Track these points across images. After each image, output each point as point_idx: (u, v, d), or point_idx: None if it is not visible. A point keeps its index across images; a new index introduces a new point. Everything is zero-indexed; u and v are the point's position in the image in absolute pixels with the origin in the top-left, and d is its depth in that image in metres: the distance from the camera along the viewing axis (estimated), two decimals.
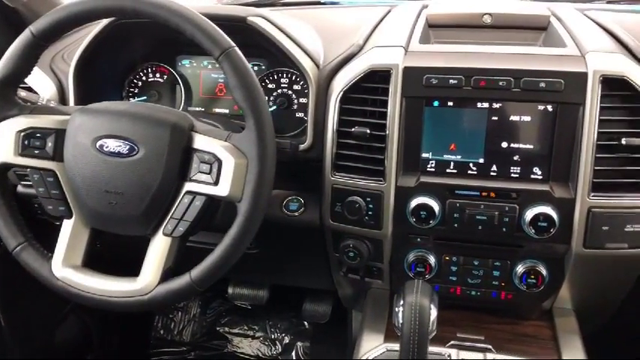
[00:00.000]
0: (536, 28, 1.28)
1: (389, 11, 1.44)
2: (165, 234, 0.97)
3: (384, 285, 1.27)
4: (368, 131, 1.10)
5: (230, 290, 1.85)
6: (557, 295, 1.17)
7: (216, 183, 0.93)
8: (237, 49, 0.94)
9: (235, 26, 1.18)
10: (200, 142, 0.96)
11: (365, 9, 1.54)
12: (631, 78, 1.02)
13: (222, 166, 0.93)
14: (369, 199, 1.11)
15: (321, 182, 1.17)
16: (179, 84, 1.38)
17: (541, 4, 1.39)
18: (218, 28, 0.94)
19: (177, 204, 0.96)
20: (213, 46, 0.92)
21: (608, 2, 1.56)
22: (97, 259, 1.07)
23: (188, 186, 0.96)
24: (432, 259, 1.15)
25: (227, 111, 1.36)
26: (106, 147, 0.97)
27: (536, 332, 1.17)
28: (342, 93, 1.12)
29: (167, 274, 0.99)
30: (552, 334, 1.16)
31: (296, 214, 1.23)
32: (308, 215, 1.23)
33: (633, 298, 1.19)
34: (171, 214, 0.97)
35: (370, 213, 1.12)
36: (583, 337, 1.19)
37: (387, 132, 1.09)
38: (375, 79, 1.10)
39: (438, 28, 1.32)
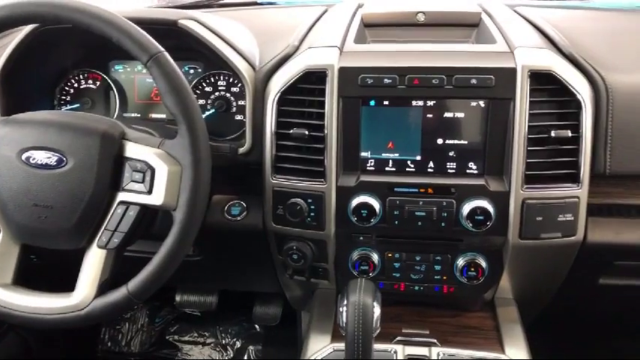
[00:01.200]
0: (468, 25, 1.31)
1: (325, 11, 1.44)
2: (99, 246, 0.94)
3: (330, 285, 1.27)
4: (306, 132, 1.10)
5: (178, 298, 1.82)
6: (497, 285, 1.20)
7: (149, 192, 0.91)
8: (166, 53, 0.91)
9: (167, 30, 1.16)
10: (132, 150, 0.93)
11: (302, 9, 1.54)
12: (557, 72, 1.05)
13: (155, 174, 0.91)
14: (310, 201, 1.11)
15: (261, 185, 1.16)
16: (113, 90, 1.34)
17: (473, 0, 1.42)
18: (145, 33, 0.91)
19: (110, 215, 0.94)
20: (141, 51, 0.90)
21: None
22: (31, 275, 1.03)
23: (121, 196, 0.93)
24: (375, 257, 1.16)
25: (164, 116, 1.33)
26: (33, 159, 0.93)
27: (479, 323, 1.20)
28: (278, 94, 1.11)
29: (104, 288, 0.96)
30: (495, 324, 1.19)
31: (238, 218, 1.22)
32: (251, 219, 1.21)
33: (569, 284, 1.23)
34: (104, 225, 0.94)
35: (312, 214, 1.12)
36: (526, 324, 1.22)
37: (326, 132, 1.09)
38: (312, 80, 1.10)
39: (373, 27, 1.33)
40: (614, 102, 1.07)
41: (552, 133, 1.05)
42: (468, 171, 1.09)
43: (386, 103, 1.08)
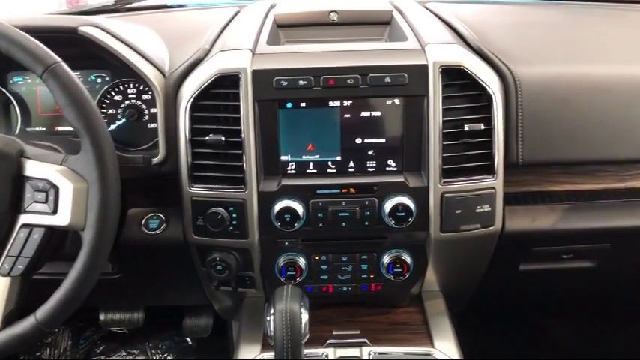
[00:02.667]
0: (380, 23, 1.31)
1: (237, 12, 1.41)
2: (2, 274, 0.88)
3: (258, 293, 1.24)
4: (223, 138, 1.06)
5: (102, 317, 1.73)
6: (423, 279, 1.22)
7: (54, 212, 0.85)
8: (63, 64, 0.86)
9: (68, 38, 1.09)
10: (32, 168, 0.87)
11: (213, 11, 1.50)
12: (467, 67, 1.07)
13: (60, 193, 0.85)
14: (231, 209, 1.08)
15: (179, 196, 1.11)
16: (13, 104, 1.25)
17: None
18: (38, 43, 0.85)
19: (12, 240, 0.87)
20: (35, 62, 0.84)
21: None
22: None
23: (23, 218, 0.87)
24: (301, 261, 1.14)
25: (72, 129, 1.25)
26: None
27: (408, 319, 1.21)
28: (191, 101, 1.07)
29: (10, 318, 0.89)
30: (423, 318, 1.21)
31: (157, 232, 1.16)
32: (170, 232, 1.16)
33: (492, 272, 1.26)
34: (6, 251, 0.87)
35: (234, 223, 1.09)
36: (454, 315, 1.25)
37: (243, 137, 1.06)
38: (225, 84, 1.07)
39: (286, 27, 1.31)
40: (522, 94, 1.11)
41: (466, 127, 1.07)
42: (387, 169, 1.10)
43: (303, 104, 1.07)
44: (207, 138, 1.06)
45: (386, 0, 1.40)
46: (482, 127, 1.07)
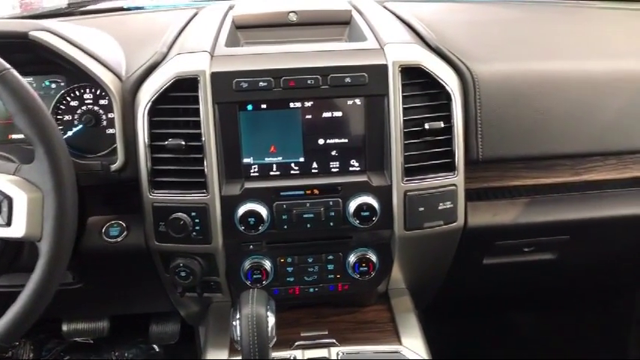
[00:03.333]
0: (340, 23, 1.31)
1: (195, 14, 1.39)
2: None
3: (224, 298, 1.23)
4: (183, 142, 1.04)
5: (64, 327, 1.68)
6: (389, 277, 1.22)
7: (8, 224, 0.83)
8: (12, 70, 0.83)
9: (19, 43, 1.05)
10: None
11: (171, 13, 1.47)
12: (426, 66, 1.08)
13: (14, 203, 0.82)
14: (194, 214, 1.06)
15: (140, 202, 1.09)
16: None
17: None
18: None
19: None
20: None
21: None
22: None
23: None
24: (267, 264, 1.14)
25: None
26: None
27: (375, 317, 1.22)
28: (149, 105, 1.05)
29: None
30: (390, 315, 1.22)
31: (118, 239, 1.14)
32: (132, 239, 1.14)
33: (456, 268, 1.28)
34: None
35: (197, 228, 1.07)
36: (422, 311, 1.26)
37: (203, 141, 1.04)
38: (183, 88, 1.05)
39: (245, 29, 1.30)
40: (480, 91, 1.12)
41: (426, 126, 1.08)
42: (351, 169, 1.10)
43: (264, 106, 1.06)
44: (166, 142, 1.05)
45: (345, 0, 1.40)
46: (442, 125, 1.08)
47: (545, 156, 1.18)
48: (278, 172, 1.09)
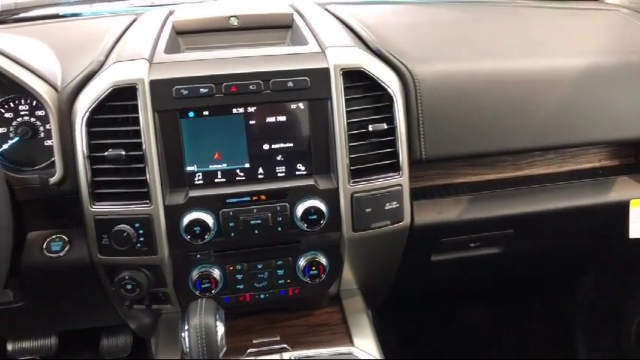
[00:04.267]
0: (281, 27, 1.31)
1: (134, 20, 1.36)
2: None
3: (174, 308, 1.21)
4: (123, 153, 1.02)
5: (10, 347, 1.62)
6: (340, 279, 1.23)
7: None
8: None
9: None
10: None
11: (109, 19, 1.44)
12: (367, 69, 1.09)
13: None
14: (137, 225, 1.04)
15: (81, 215, 1.06)
16: None
17: (284, 1, 1.43)
18: None
19: None
20: None
21: None
22: None
23: None
24: (216, 273, 1.12)
25: None
26: None
27: (327, 319, 1.22)
28: (87, 115, 1.02)
29: None
30: (342, 317, 1.22)
31: (61, 254, 1.11)
32: (75, 253, 1.11)
33: (406, 266, 1.30)
34: None
35: (142, 239, 1.05)
36: (375, 310, 1.27)
37: (144, 149, 1.02)
38: (122, 97, 1.03)
39: (186, 34, 1.28)
40: (421, 92, 1.14)
41: (370, 128, 1.09)
42: (297, 173, 1.10)
43: (206, 113, 1.05)
44: (106, 153, 1.02)
45: (286, 3, 1.40)
46: (386, 126, 1.09)
47: (487, 153, 1.21)
48: (223, 179, 1.08)
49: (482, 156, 1.23)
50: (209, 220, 1.05)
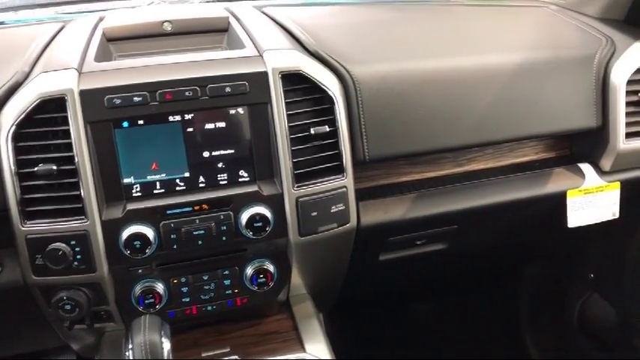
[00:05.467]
0: (217, 31, 1.28)
1: (62, 28, 1.30)
2: None
3: (118, 326, 1.16)
4: (55, 167, 0.97)
5: None
6: (289, 285, 1.21)
7: None
8: None
9: None
10: None
11: (35, 27, 1.37)
12: (306, 71, 1.08)
13: None
14: (73, 243, 0.99)
15: (12, 235, 1.00)
16: None
17: (219, 5, 1.41)
18: None
19: None
20: None
21: None
22: None
23: None
24: (160, 287, 1.08)
25: None
26: None
27: (278, 327, 1.20)
28: (13, 129, 0.96)
29: None
30: (293, 323, 1.21)
31: None
32: (7, 275, 1.05)
33: (355, 267, 1.29)
34: None
35: (78, 257, 1.00)
36: (326, 313, 1.26)
37: (77, 164, 0.97)
38: (50, 109, 0.98)
39: (118, 41, 1.23)
40: (362, 93, 1.14)
41: (312, 131, 1.08)
42: (240, 179, 1.07)
43: (141, 122, 1.01)
44: (36, 169, 0.97)
45: (222, 6, 1.38)
46: (328, 129, 1.09)
47: (428, 151, 1.22)
48: (162, 190, 1.04)
49: (424, 154, 1.25)
50: (149, 233, 1.01)
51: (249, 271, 1.12)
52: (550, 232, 1.56)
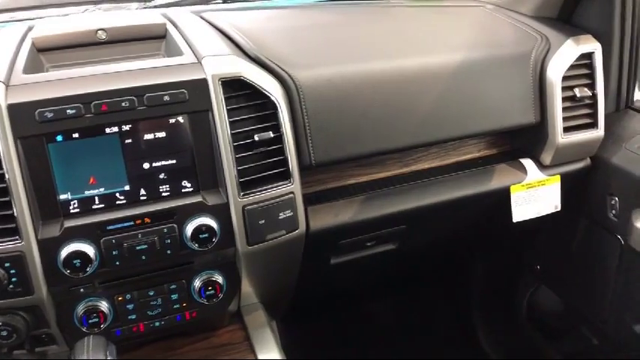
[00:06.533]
0: (154, 38, 1.24)
1: None
2: None
3: (61, 348, 1.11)
4: None
5: None
6: (240, 295, 1.19)
7: None
8: None
9: None
10: None
11: None
12: (247, 77, 1.06)
13: None
14: (8, 265, 0.94)
15: None
16: None
17: (156, 11, 1.37)
18: None
19: None
20: None
21: (223, 2, 1.63)
22: None
23: None
24: (104, 305, 1.04)
25: None
26: None
27: (230, 338, 1.18)
28: None
29: None
30: (245, 334, 1.19)
31: None
32: None
33: (306, 273, 1.28)
34: None
35: (14, 280, 0.95)
36: (280, 320, 1.24)
37: (8, 182, 0.92)
38: None
39: (49, 51, 1.18)
40: (305, 97, 1.13)
41: (256, 137, 1.06)
42: (183, 190, 1.04)
43: (76, 135, 0.96)
44: None
45: (158, 13, 1.34)
46: (272, 134, 1.07)
47: (374, 153, 1.22)
48: (102, 205, 1.00)
49: (370, 156, 1.25)
50: (89, 250, 0.97)
51: (197, 283, 1.09)
52: (497, 227, 1.60)
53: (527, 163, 1.40)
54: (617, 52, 1.46)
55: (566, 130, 1.35)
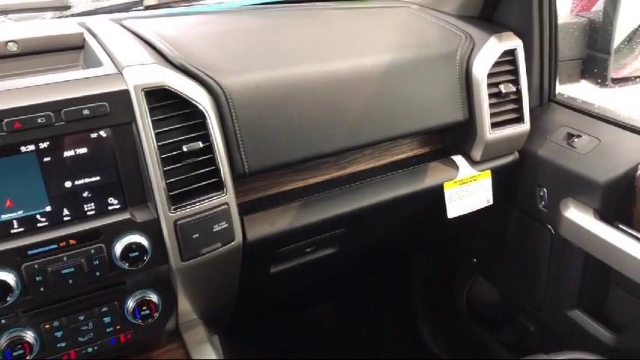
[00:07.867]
0: (72, 49, 1.18)
1: None
2: None
3: None
4: None
5: None
6: (177, 313, 1.15)
7: None
8: None
9: None
10: None
11: None
12: (171, 86, 1.02)
13: None
14: None
15: None
16: None
17: (73, 20, 1.30)
18: None
19: None
20: None
21: (145, 8, 1.57)
22: None
23: None
24: (29, 335, 0.98)
25: None
26: None
27: (170, 357, 1.13)
28: None
29: None
30: (185, 352, 1.14)
31: None
32: None
33: (246, 284, 1.25)
34: None
35: None
36: (221, 333, 1.21)
37: None
38: None
39: None
40: (235, 104, 1.10)
41: (184, 148, 1.02)
42: (110, 208, 0.99)
43: None
44: None
45: (75, 22, 1.27)
46: (201, 144, 1.04)
47: (308, 158, 1.21)
48: (21, 229, 0.94)
49: (305, 161, 1.23)
50: (9, 278, 0.90)
51: (130, 304, 1.05)
52: (433, 224, 1.62)
53: (459, 159, 1.42)
54: (538, 48, 1.51)
55: (494, 125, 1.39)
